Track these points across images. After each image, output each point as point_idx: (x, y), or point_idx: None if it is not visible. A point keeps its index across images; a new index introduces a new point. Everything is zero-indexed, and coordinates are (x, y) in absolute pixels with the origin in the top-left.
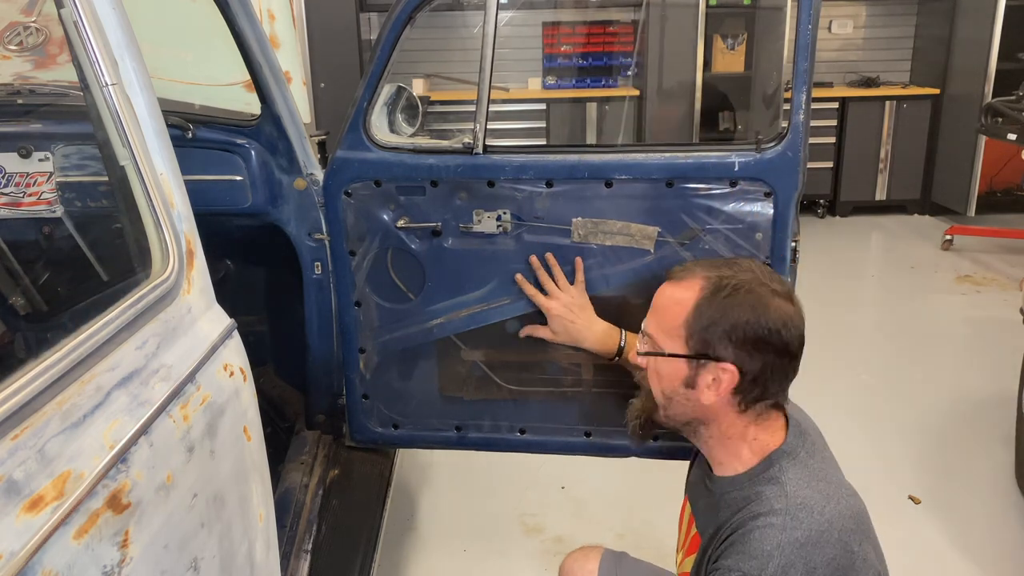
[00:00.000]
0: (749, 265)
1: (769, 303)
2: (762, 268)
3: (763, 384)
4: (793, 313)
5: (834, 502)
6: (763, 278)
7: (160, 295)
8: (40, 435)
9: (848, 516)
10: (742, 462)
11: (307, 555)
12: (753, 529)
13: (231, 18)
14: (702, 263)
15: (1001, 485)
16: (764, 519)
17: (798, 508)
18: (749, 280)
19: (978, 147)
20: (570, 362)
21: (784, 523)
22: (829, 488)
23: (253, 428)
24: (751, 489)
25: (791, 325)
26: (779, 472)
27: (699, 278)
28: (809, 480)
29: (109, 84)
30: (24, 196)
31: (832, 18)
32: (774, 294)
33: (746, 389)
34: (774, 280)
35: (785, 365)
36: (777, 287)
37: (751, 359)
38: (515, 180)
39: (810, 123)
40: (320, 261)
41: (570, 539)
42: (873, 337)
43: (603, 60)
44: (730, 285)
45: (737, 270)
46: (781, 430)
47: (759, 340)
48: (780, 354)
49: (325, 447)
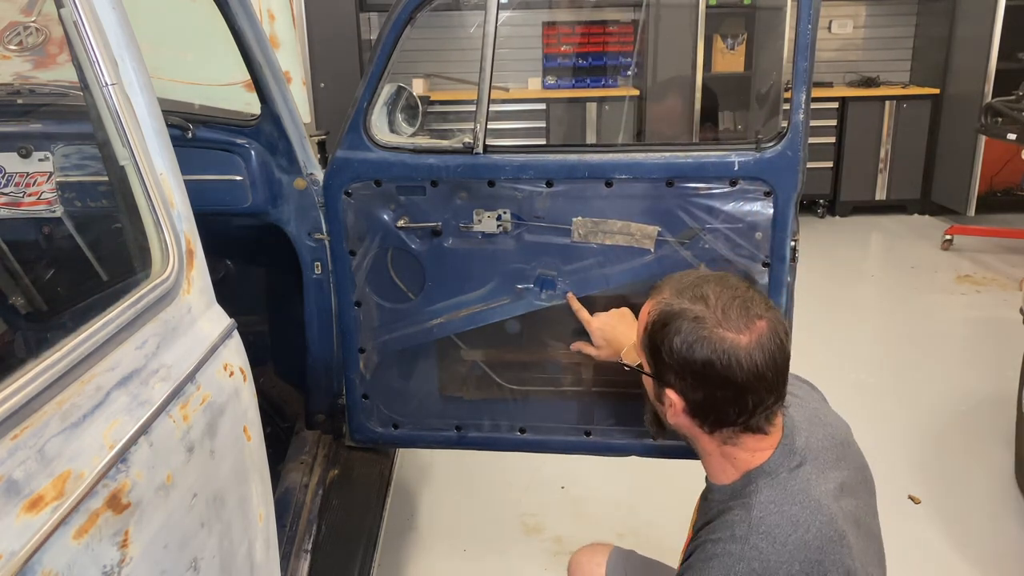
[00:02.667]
0: (713, 288)
1: (709, 335)
2: (728, 290)
3: (715, 412)
4: (743, 344)
5: (802, 530)
6: (717, 305)
7: (160, 295)
8: (40, 435)
9: (815, 547)
10: (727, 476)
11: (307, 555)
12: (712, 556)
13: (231, 18)
14: (677, 280)
15: (1001, 485)
16: (722, 545)
17: (759, 536)
18: (696, 311)
19: (978, 147)
20: (570, 361)
21: (741, 552)
22: (802, 514)
23: (253, 428)
24: (725, 504)
25: (733, 359)
26: (753, 492)
27: (659, 298)
28: (782, 504)
29: (109, 84)
30: (24, 196)
31: (832, 18)
32: (720, 324)
33: (699, 415)
34: (732, 307)
35: (736, 397)
36: (733, 316)
37: (692, 390)
38: (515, 180)
39: (810, 123)
40: (320, 261)
41: (570, 539)
42: (873, 337)
43: (603, 60)
44: (674, 312)
45: (697, 294)
46: (768, 449)
47: (694, 373)
48: (722, 387)
49: (325, 447)
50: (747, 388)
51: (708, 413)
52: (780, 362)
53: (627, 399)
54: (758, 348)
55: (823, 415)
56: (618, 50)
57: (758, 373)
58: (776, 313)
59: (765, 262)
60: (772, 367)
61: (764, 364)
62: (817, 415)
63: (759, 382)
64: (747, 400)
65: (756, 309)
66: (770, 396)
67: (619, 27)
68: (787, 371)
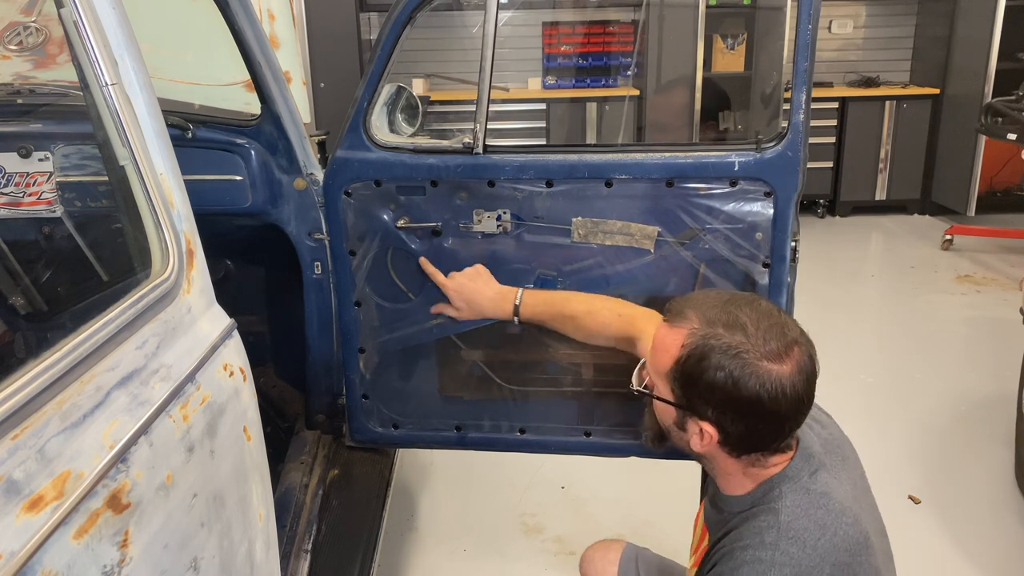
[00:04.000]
0: (748, 314)
1: (755, 369)
2: (763, 317)
3: (751, 441)
4: (787, 374)
5: (830, 533)
6: (757, 334)
7: (160, 295)
8: (40, 435)
9: (843, 549)
10: (743, 486)
11: (307, 555)
12: (741, 563)
13: (231, 18)
14: (701, 302)
15: (1001, 485)
16: (752, 552)
17: (789, 542)
18: (737, 343)
19: (978, 147)
20: (570, 362)
21: (772, 558)
22: (828, 517)
23: (253, 428)
24: (749, 512)
25: (779, 390)
26: (777, 498)
27: (686, 327)
28: (807, 508)
29: (109, 84)
30: (24, 196)
31: (832, 18)
32: (764, 356)
33: (733, 444)
34: (771, 335)
35: (774, 427)
36: (774, 346)
37: (732, 423)
38: (515, 180)
39: (810, 123)
40: (320, 261)
41: (570, 539)
42: (873, 337)
43: (603, 60)
44: (713, 346)
45: (731, 321)
46: (786, 460)
47: (738, 408)
48: (764, 419)
49: (325, 447)
50: (788, 416)
51: (744, 443)
52: (813, 385)
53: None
54: (800, 375)
55: (817, 415)
56: (618, 50)
57: (800, 401)
58: (806, 335)
59: (765, 262)
60: (808, 393)
61: (804, 391)
62: (814, 417)
63: (799, 409)
64: (785, 428)
65: (792, 334)
66: (803, 418)
67: (619, 27)
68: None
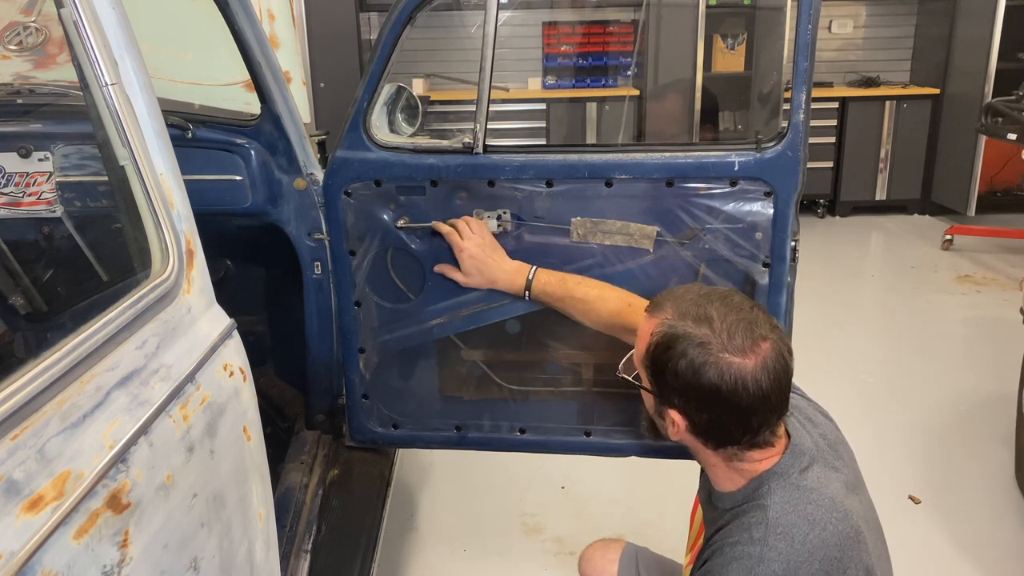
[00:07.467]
0: (718, 308)
1: (716, 360)
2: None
3: (720, 432)
4: (748, 368)
5: (819, 528)
6: (722, 328)
7: (160, 295)
8: (40, 435)
9: (833, 544)
10: (733, 483)
11: (307, 555)
12: (731, 559)
13: (231, 18)
14: (679, 295)
15: (1001, 485)
16: (741, 548)
17: (777, 537)
18: (701, 335)
19: (978, 147)
20: (570, 362)
21: (761, 554)
22: (817, 512)
23: (253, 428)
24: (738, 508)
25: (739, 383)
26: (766, 494)
27: (660, 318)
28: (796, 503)
29: (109, 84)
30: (24, 196)
31: (832, 18)
32: (726, 349)
33: (703, 435)
34: (737, 329)
35: (738, 419)
36: (738, 340)
37: (696, 412)
38: (515, 180)
39: (810, 123)
40: (320, 261)
41: (570, 539)
42: (873, 337)
43: (603, 60)
44: (678, 335)
45: (700, 315)
46: (775, 455)
47: (699, 396)
48: (727, 411)
49: (325, 447)
50: (752, 410)
51: (712, 433)
52: (784, 383)
53: (627, 399)
54: (763, 371)
55: (811, 415)
56: (618, 50)
57: (763, 396)
58: (779, 332)
59: (765, 262)
60: (776, 389)
61: (769, 387)
62: (807, 416)
63: (764, 404)
64: (752, 421)
65: (760, 330)
66: (773, 415)
67: (619, 27)
68: (789, 389)
